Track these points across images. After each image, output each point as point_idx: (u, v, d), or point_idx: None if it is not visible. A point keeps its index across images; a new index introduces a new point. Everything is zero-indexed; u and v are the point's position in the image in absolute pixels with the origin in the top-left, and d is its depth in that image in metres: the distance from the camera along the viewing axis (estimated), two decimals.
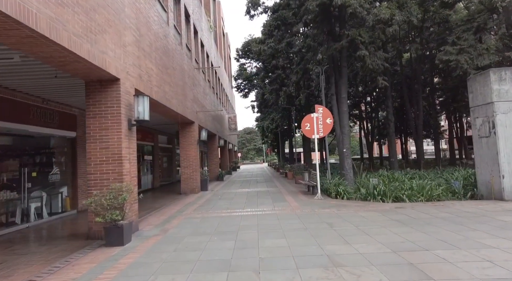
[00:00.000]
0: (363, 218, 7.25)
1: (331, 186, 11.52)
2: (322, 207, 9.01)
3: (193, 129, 14.21)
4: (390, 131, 18.71)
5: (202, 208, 9.75)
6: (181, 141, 14.20)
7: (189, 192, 13.96)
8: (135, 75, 7.46)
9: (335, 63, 14.23)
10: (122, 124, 6.56)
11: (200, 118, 15.62)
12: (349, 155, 13.59)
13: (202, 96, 16.80)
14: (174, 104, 10.89)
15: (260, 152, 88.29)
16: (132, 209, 6.77)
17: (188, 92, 13.36)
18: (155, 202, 12.01)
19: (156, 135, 18.47)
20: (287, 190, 13.83)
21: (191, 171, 14.05)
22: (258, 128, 46.83)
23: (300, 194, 12.09)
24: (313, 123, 10.94)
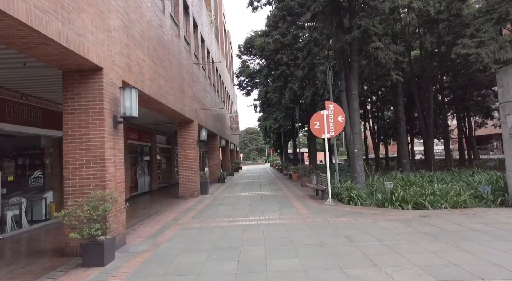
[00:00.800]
0: (386, 230, 6.26)
1: (343, 190, 10.54)
2: (336, 215, 8.03)
3: (192, 129, 13.26)
4: (401, 131, 17.68)
5: (200, 216, 8.78)
6: (180, 141, 13.25)
7: (188, 196, 13.01)
8: (123, 65, 6.50)
9: (345, 57, 13.25)
10: (106, 121, 5.61)
11: (200, 116, 14.67)
12: (361, 156, 12.61)
13: (202, 93, 15.85)
14: (171, 100, 9.94)
15: (262, 152, 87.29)
16: (117, 221, 5.82)
17: (187, 89, 12.41)
18: (150, 207, 11.06)
19: (153, 135, 17.54)
20: (293, 193, 12.84)
21: (190, 174, 13.10)
22: (261, 128, 45.90)
23: (308, 199, 11.10)
24: (323, 121, 9.96)
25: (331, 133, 9.99)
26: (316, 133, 10.11)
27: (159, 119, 13.59)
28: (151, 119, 13.65)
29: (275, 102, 26.99)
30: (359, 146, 12.58)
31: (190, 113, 12.74)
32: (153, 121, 14.39)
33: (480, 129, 39.22)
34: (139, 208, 11.16)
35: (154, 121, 14.43)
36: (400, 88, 17.69)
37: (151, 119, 13.65)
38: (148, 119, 13.62)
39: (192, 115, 13.08)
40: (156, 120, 14.05)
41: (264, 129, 41.92)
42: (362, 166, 12.45)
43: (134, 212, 10.01)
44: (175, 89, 10.65)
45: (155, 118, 13.09)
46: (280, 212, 8.71)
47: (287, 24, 13.69)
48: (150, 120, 13.82)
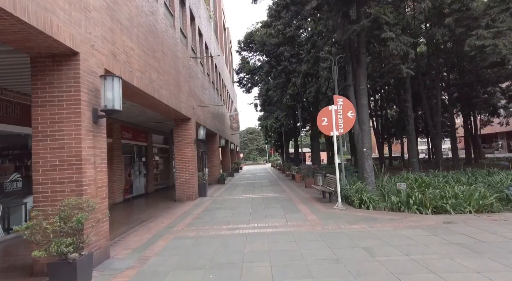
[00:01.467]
0: (410, 240, 5.41)
1: (352, 192, 9.69)
2: (348, 221, 7.18)
3: (190, 127, 12.41)
4: (410, 129, 16.82)
5: (197, 222, 7.94)
6: (176, 141, 12.40)
7: (185, 198, 12.17)
8: (106, 52, 5.66)
9: (352, 50, 12.41)
10: (83, 115, 4.77)
11: (197, 114, 13.83)
12: (370, 155, 11.76)
13: (200, 90, 15.01)
14: (165, 95, 9.09)
15: (262, 152, 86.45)
16: (98, 232, 4.97)
17: (183, 84, 11.57)
18: (144, 212, 10.21)
19: (150, 134, 16.70)
20: (298, 196, 11.99)
21: (188, 175, 12.25)
22: (261, 128, 45.09)
23: (314, 202, 10.25)
24: (332, 117, 9.11)
25: (340, 130, 9.15)
26: (323, 130, 9.27)
27: (154, 117, 12.76)
28: (145, 117, 12.81)
29: (276, 100, 26.17)
30: (368, 144, 11.73)
31: (187, 110, 11.90)
32: (148, 119, 13.56)
33: (485, 127, 38.45)
34: (132, 212, 10.32)
35: (149, 119, 13.59)
36: (408, 84, 16.84)
37: (145, 117, 12.81)
38: (142, 117, 12.78)
39: (189, 112, 12.24)
40: (151, 118, 13.22)
41: (265, 129, 41.10)
42: (372, 166, 11.61)
43: (126, 218, 9.17)
44: (170, 84, 9.81)
45: (150, 116, 12.25)
46: (286, 218, 7.86)
47: (290, 14, 12.83)
48: (144, 118, 12.99)
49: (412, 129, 16.84)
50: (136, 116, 12.43)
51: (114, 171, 12.46)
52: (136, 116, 12.43)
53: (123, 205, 12.26)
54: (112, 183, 12.35)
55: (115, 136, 12.70)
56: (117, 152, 12.79)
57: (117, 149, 12.80)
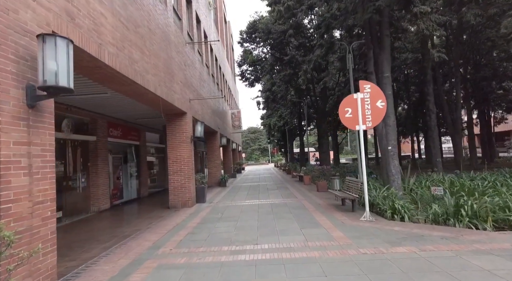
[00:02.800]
0: (496, 277, 3.71)
1: (380, 199, 8.00)
2: (387, 240, 5.48)
3: (185, 123, 10.74)
4: (432, 124, 15.07)
5: (191, 240, 6.26)
6: (169, 138, 10.73)
7: (181, 205, 10.50)
8: (55, 7, 3.99)
9: (373, 32, 10.72)
10: (7, 93, 3.10)
11: (195, 108, 12.16)
12: (396, 154, 10.05)
13: (198, 82, 13.33)
14: (152, 82, 7.42)
15: (265, 152, 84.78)
16: (34, 271, 3.29)
17: (177, 72, 9.90)
18: (129, 223, 8.54)
19: (142, 132, 15.03)
20: (311, 202, 10.29)
21: (183, 178, 10.58)
22: (264, 126, 43.41)
23: (334, 211, 8.55)
24: (357, 108, 7.41)
25: (368, 124, 7.44)
26: (347, 123, 7.56)
27: (145, 112, 11.11)
28: (135, 112, 11.15)
29: (280, 96, 24.47)
30: (394, 141, 10.02)
31: (182, 103, 10.22)
32: (139, 115, 11.89)
33: (499, 124, 36.71)
34: (115, 224, 8.64)
35: (140, 115, 11.93)
36: (429, 75, 15.11)
37: (135, 112, 11.15)
38: (131, 112, 11.11)
39: (185, 105, 10.57)
40: (142, 113, 11.56)
41: (268, 127, 39.39)
42: (398, 167, 9.91)
43: (105, 232, 7.50)
44: (159, 69, 8.13)
45: (140, 110, 10.61)
46: (304, 235, 6.16)
47: None
48: (134, 113, 11.32)
49: (435, 125, 15.10)
50: (124, 110, 10.78)
51: (99, 174, 10.81)
52: (123, 110, 10.77)
53: (109, 213, 10.60)
54: (95, 188, 10.70)
55: (100, 133, 11.04)
56: (102, 152, 11.13)
57: (102, 149, 11.14)
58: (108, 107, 10.06)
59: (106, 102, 9.19)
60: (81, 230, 7.83)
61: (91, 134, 10.81)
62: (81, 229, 8.05)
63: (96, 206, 10.68)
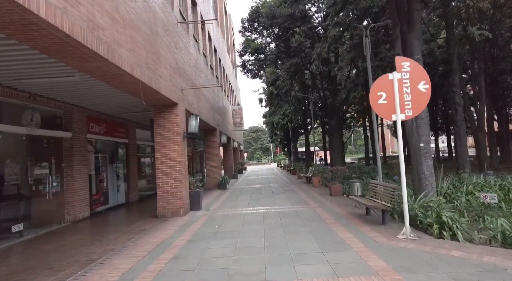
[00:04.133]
0: None
1: (418, 208, 6.31)
2: (456, 277, 3.77)
3: (176, 116, 9.06)
4: (458, 120, 13.33)
5: (174, 271, 4.57)
6: (157, 134, 9.06)
7: (171, 214, 8.82)
8: None
9: (399, 7, 9.00)
10: None
11: (188, 100, 10.48)
12: (430, 152, 8.34)
13: (193, 70, 11.65)
14: (126, 59, 5.73)
15: (267, 151, 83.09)
16: None
17: (165, 53, 8.22)
18: (102, 240, 6.86)
19: (131, 129, 13.36)
20: (327, 210, 8.58)
21: (173, 182, 8.90)
22: (267, 125, 41.74)
23: (358, 222, 6.84)
24: (394, 92, 5.69)
25: (408, 113, 5.73)
26: (380, 111, 5.84)
27: (131, 103, 9.46)
28: (119, 104, 9.47)
29: (285, 91, 22.76)
30: (427, 137, 8.30)
31: (172, 91, 8.54)
32: (123, 107, 10.21)
33: None
34: (83, 241, 6.94)
35: (124, 107, 10.25)
36: (455, 63, 13.37)
37: (119, 104, 9.47)
38: (114, 104, 9.43)
39: (175, 95, 8.89)
40: (127, 105, 9.90)
41: (271, 126, 37.70)
42: (432, 168, 8.18)
43: (65, 254, 5.80)
44: (138, 44, 6.45)
45: (124, 102, 8.96)
46: (329, 263, 4.46)
47: None
48: (118, 105, 9.64)
49: (461, 120, 13.36)
50: (105, 101, 9.11)
51: (75, 176, 9.14)
52: (104, 101, 9.11)
53: (86, 223, 8.93)
54: (70, 194, 9.03)
55: (77, 129, 9.38)
56: (80, 150, 9.46)
57: (80, 147, 9.48)
58: (85, 97, 8.40)
59: (79, 89, 7.52)
60: (38, 250, 6.15)
61: (66, 130, 9.15)
62: (39, 247, 6.38)
63: (71, 215, 9.02)
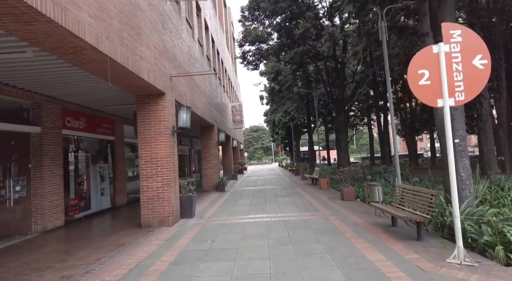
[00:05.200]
0: None
1: (464, 222, 4.94)
2: None
3: (163, 107, 7.68)
4: (483, 114, 11.92)
5: None
6: (140, 129, 7.67)
7: (157, 224, 7.45)
8: None
9: None
10: None
11: (179, 90, 9.10)
12: (466, 150, 6.96)
13: (187, 59, 10.28)
14: (88, 25, 4.35)
15: (268, 151, 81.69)
16: None
17: (148, 31, 6.84)
18: (65, 260, 5.48)
19: (118, 125, 11.99)
20: (342, 219, 7.19)
21: (160, 185, 7.53)
22: (268, 123, 40.34)
23: (385, 237, 5.46)
24: (440, 70, 4.30)
25: (459, 97, 4.34)
26: (422, 95, 4.44)
27: (114, 94, 8.12)
28: (94, 92, 8.09)
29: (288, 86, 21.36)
30: (463, 132, 6.92)
31: (157, 78, 7.16)
32: (104, 98, 8.84)
33: None
34: (40, 261, 5.56)
35: (107, 98, 8.89)
36: None
37: (94, 92, 8.09)
38: (89, 92, 8.03)
39: (162, 83, 7.51)
40: (110, 96, 8.56)
41: (272, 124, 36.32)
42: (470, 168, 6.80)
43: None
44: (108, 12, 5.07)
45: (101, 89, 7.60)
46: None
47: None
48: (93, 92, 8.25)
49: (487, 114, 11.96)
50: (82, 90, 7.74)
51: (45, 178, 7.77)
52: (81, 90, 7.74)
53: (56, 235, 7.56)
54: (39, 199, 7.66)
55: (48, 123, 8.01)
56: (52, 148, 8.09)
57: (52, 144, 8.10)
58: (55, 85, 7.03)
59: (44, 74, 6.15)
60: None
61: (34, 124, 7.78)
62: None
63: (39, 224, 7.65)
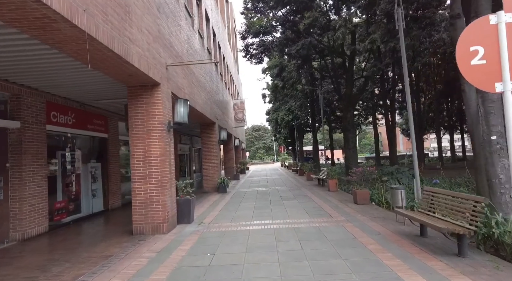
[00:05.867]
0: None
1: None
2: None
3: (157, 100, 6.81)
4: None
5: None
6: (132, 125, 6.80)
7: (150, 231, 6.59)
8: None
9: None
10: None
11: (176, 82, 8.24)
12: (505, 148, 6.06)
13: (184, 47, 9.42)
14: None
15: (270, 150, 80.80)
16: None
17: (140, 13, 5.97)
18: (34, 278, 4.63)
19: (113, 122, 11.14)
20: (361, 227, 6.31)
21: (154, 187, 6.67)
22: (270, 122, 39.44)
23: (418, 251, 4.58)
24: (498, 46, 3.41)
25: None
26: (474, 78, 3.53)
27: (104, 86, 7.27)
28: (82, 83, 7.23)
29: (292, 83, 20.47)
30: (501, 128, 6.03)
31: (151, 66, 6.30)
32: (94, 90, 7.99)
33: None
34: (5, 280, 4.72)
35: (96, 90, 8.04)
36: None
37: (82, 83, 7.23)
38: (76, 83, 7.17)
39: (156, 72, 6.64)
40: (100, 88, 7.71)
41: (275, 123, 35.42)
42: (510, 170, 5.91)
43: None
44: None
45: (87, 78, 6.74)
46: None
47: None
48: (81, 83, 7.39)
49: None
50: (67, 83, 6.90)
51: (25, 179, 6.93)
52: (66, 83, 6.90)
53: (36, 244, 6.71)
54: (18, 203, 6.81)
55: (28, 118, 7.16)
56: (34, 146, 7.25)
57: (34, 141, 7.26)
58: (34, 74, 6.19)
59: (16, 58, 5.30)
60: None
61: (12, 118, 6.94)
62: None
63: (18, 231, 6.80)
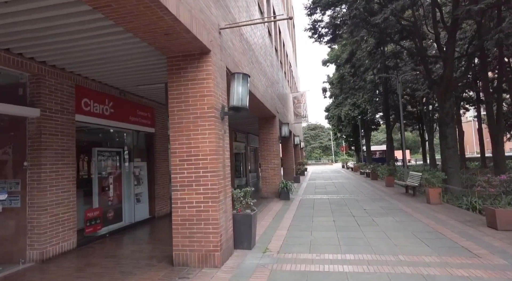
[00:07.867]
0: None
1: None
2: None
3: (207, 73, 4.74)
4: None
5: None
6: (173, 110, 4.85)
7: (196, 262, 4.57)
8: None
9: None
10: None
11: (232, 54, 6.17)
12: None
13: (244, 15, 7.34)
14: None
15: (327, 150, 76.57)
16: None
17: None
18: None
19: (160, 114, 9.56)
20: None
21: (202, 199, 4.63)
22: (330, 119, 36.10)
23: None
24: None
25: None
26: None
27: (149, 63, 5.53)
28: (113, 56, 5.52)
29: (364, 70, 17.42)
30: None
31: (198, 24, 4.26)
32: (133, 70, 6.30)
33: None
34: None
35: (137, 71, 6.35)
36: None
37: (113, 56, 5.52)
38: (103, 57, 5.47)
39: (206, 34, 4.59)
40: (138, 65, 6.00)
41: (337, 119, 32.13)
42: None
43: None
44: None
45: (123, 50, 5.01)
46: None
47: None
48: (112, 60, 5.69)
49: None
50: (102, 58, 5.25)
51: (45, 183, 5.43)
52: (101, 58, 5.26)
53: (54, 267, 5.14)
54: (36, 212, 5.33)
55: (51, 104, 5.68)
56: (59, 140, 5.75)
57: (59, 135, 5.76)
58: (58, 44, 4.60)
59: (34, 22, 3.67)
60: None
61: (32, 105, 5.49)
62: None
63: (36, 249, 5.31)
